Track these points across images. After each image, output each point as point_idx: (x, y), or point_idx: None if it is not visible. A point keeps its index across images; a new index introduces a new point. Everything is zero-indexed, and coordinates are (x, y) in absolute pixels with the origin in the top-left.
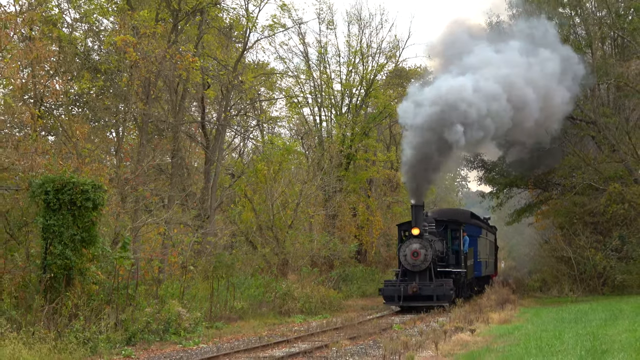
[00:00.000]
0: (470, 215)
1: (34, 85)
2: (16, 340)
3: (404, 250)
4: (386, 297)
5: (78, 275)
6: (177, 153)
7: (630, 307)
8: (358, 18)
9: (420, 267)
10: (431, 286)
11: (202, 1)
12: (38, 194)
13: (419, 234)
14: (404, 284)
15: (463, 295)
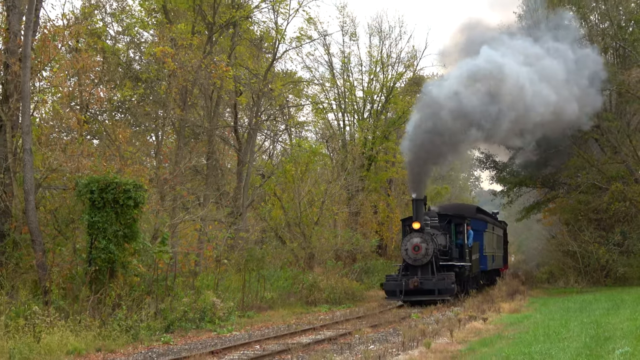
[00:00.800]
0: (476, 210)
1: (80, 93)
2: (64, 328)
3: (405, 245)
4: (388, 291)
5: (121, 268)
6: (211, 155)
7: (631, 298)
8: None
9: (422, 261)
10: (433, 280)
11: (235, 15)
12: (84, 193)
13: (419, 228)
14: (406, 278)
15: (468, 289)
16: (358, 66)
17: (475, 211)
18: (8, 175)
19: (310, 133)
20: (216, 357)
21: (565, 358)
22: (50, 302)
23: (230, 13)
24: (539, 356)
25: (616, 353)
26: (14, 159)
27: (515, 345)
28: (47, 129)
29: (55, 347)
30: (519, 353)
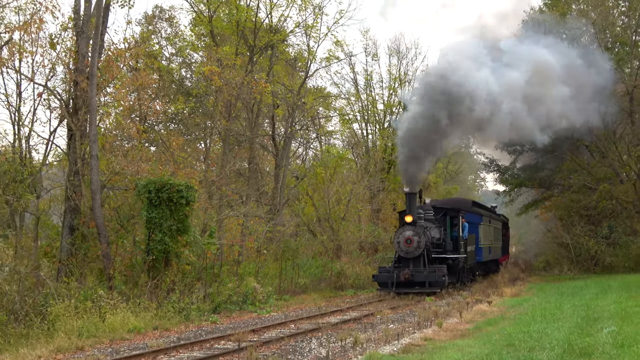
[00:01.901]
0: (472, 204)
1: (139, 106)
2: (125, 309)
3: (397, 237)
4: (380, 283)
5: (174, 257)
6: (252, 160)
7: (617, 284)
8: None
9: (414, 253)
10: (424, 273)
11: (273, 39)
12: (143, 193)
13: (412, 221)
14: (397, 270)
15: (463, 280)
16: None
17: (471, 205)
18: (77, 178)
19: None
20: (257, 334)
21: (560, 336)
22: (113, 287)
23: (269, 37)
24: (537, 334)
25: (604, 332)
26: (82, 163)
27: (516, 325)
28: (110, 137)
29: (118, 326)
30: (520, 331)
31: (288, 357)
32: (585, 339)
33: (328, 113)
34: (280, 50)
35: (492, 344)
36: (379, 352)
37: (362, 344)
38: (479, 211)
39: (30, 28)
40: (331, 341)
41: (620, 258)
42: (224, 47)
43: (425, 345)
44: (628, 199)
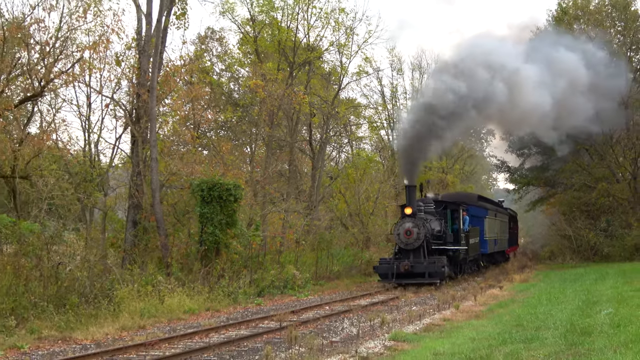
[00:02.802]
0: (477, 198)
1: (193, 115)
2: (181, 293)
3: (397, 229)
4: (380, 274)
5: (224, 248)
6: (292, 162)
7: (614, 271)
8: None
9: (413, 245)
10: (424, 264)
11: (310, 56)
12: (196, 191)
13: (411, 213)
14: (397, 261)
15: (465, 271)
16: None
17: (476, 199)
18: (139, 178)
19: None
20: (296, 315)
21: (563, 317)
22: (171, 274)
23: (306, 54)
24: (543, 315)
25: (602, 313)
26: (143, 165)
27: (524, 307)
28: (168, 142)
29: (174, 308)
30: (527, 313)
31: (323, 335)
32: (585, 319)
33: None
34: (317, 65)
35: (503, 324)
36: (403, 331)
37: (389, 324)
38: (484, 205)
39: (98, 47)
40: (361, 321)
41: (616, 248)
42: (267, 63)
43: (444, 325)
44: (623, 196)
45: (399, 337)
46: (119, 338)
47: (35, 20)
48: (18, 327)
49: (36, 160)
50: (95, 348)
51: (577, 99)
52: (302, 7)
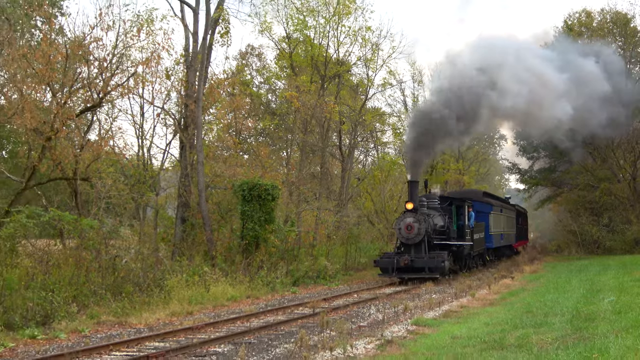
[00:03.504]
0: (482, 194)
1: (235, 123)
2: (225, 282)
3: (398, 224)
4: (382, 269)
5: (263, 242)
6: (323, 165)
7: (615, 263)
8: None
9: (414, 240)
10: (424, 258)
11: (339, 70)
12: (238, 191)
13: (413, 209)
14: (398, 256)
15: (469, 266)
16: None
17: (482, 195)
18: (187, 179)
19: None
20: (327, 302)
21: (569, 304)
22: (215, 265)
23: (336, 68)
24: (551, 303)
25: (605, 301)
26: (191, 168)
27: (534, 295)
28: (213, 147)
29: (219, 295)
30: (537, 300)
31: (352, 320)
32: (589, 307)
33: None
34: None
35: (515, 311)
36: (424, 316)
37: (411, 310)
38: (489, 201)
39: (150, 63)
40: (386, 308)
41: (617, 242)
42: (301, 76)
43: (461, 311)
44: (624, 195)
45: (420, 322)
46: (169, 323)
47: (94, 39)
48: (79, 313)
49: (95, 164)
50: (148, 332)
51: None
52: (332, 26)
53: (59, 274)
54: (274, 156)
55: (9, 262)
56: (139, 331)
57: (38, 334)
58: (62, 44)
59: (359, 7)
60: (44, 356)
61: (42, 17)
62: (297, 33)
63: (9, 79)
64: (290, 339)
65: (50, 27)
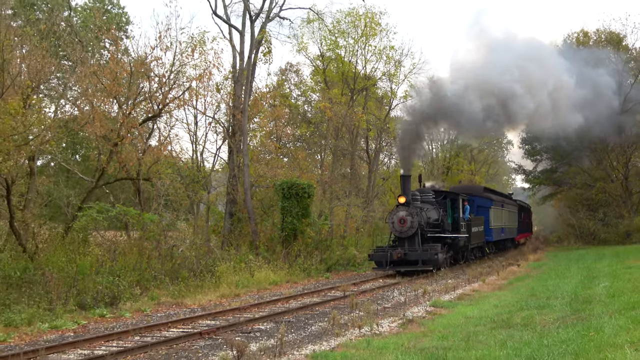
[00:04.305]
0: (482, 190)
1: (276, 130)
2: (267, 269)
3: (391, 218)
4: (376, 262)
5: (300, 233)
6: (353, 167)
7: (609, 252)
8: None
9: (407, 233)
10: (417, 251)
11: (367, 84)
12: (278, 189)
13: (405, 202)
14: (392, 249)
15: (467, 258)
16: None
17: (482, 190)
18: (235, 180)
19: None
20: (356, 286)
21: (568, 289)
22: (259, 254)
23: (364, 82)
24: (552, 287)
25: (600, 286)
26: (238, 169)
27: (537, 281)
28: (257, 152)
29: (262, 280)
30: (540, 285)
31: (378, 302)
32: (586, 291)
33: None
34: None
35: (520, 294)
36: (441, 299)
37: (429, 294)
38: (489, 196)
39: (203, 78)
40: (407, 291)
41: (611, 234)
42: (333, 90)
43: (473, 294)
44: (617, 193)
45: (437, 304)
46: (219, 303)
47: (154, 58)
48: (142, 295)
49: (155, 166)
50: (201, 311)
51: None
52: (360, 46)
53: (124, 261)
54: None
55: (81, 251)
56: (193, 311)
57: (106, 313)
58: (127, 62)
59: (383, 29)
60: (112, 332)
61: (110, 40)
62: (329, 52)
63: (82, 93)
64: (324, 318)
65: (116, 48)
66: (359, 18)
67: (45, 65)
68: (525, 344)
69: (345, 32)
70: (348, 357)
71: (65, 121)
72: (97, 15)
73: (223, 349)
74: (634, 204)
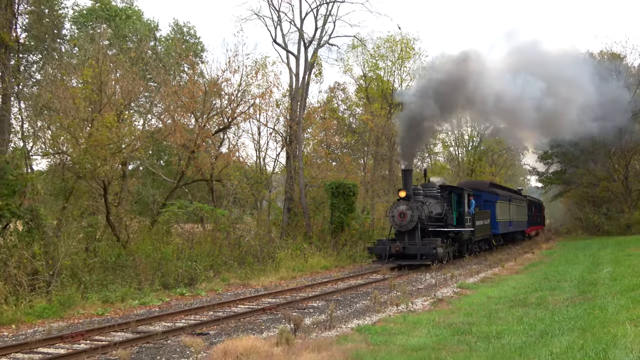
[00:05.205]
0: (489, 185)
1: (326, 139)
2: (319, 256)
3: (392, 212)
4: (376, 255)
5: (346, 226)
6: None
7: (612, 242)
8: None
9: (407, 227)
10: (417, 245)
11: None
12: (328, 189)
13: (406, 196)
14: (391, 243)
15: (473, 250)
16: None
17: (488, 186)
18: (291, 181)
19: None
20: (394, 271)
21: (576, 273)
22: (312, 243)
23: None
24: (563, 272)
25: (604, 271)
26: (294, 172)
27: (549, 266)
28: (310, 157)
29: (314, 265)
30: (552, 270)
31: (412, 284)
32: (592, 275)
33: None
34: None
35: (535, 277)
36: (466, 282)
37: (456, 277)
38: (495, 191)
39: (265, 96)
40: (438, 275)
41: (613, 226)
42: (374, 104)
43: (494, 277)
44: (618, 191)
45: (463, 285)
46: (278, 284)
47: (224, 79)
48: (215, 277)
49: (225, 169)
50: (264, 291)
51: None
52: (397, 67)
53: (200, 249)
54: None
55: (165, 240)
56: (257, 290)
57: (186, 292)
58: (202, 83)
59: (416, 53)
60: (190, 308)
61: (188, 64)
62: (370, 72)
63: (165, 109)
64: (366, 297)
65: (193, 71)
66: (396, 44)
67: (135, 86)
68: (539, 320)
69: (384, 56)
70: (387, 330)
71: (152, 132)
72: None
73: (282, 322)
74: (633, 201)
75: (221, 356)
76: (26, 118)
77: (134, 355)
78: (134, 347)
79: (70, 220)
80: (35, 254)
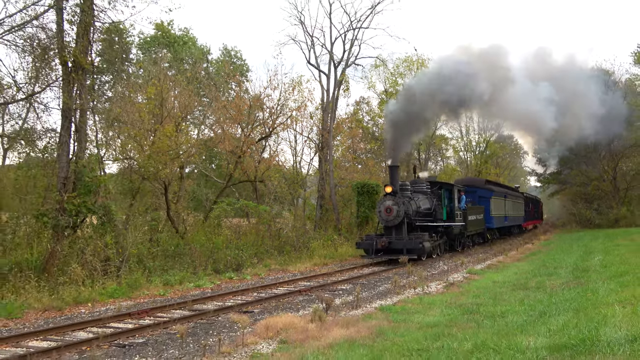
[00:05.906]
0: (484, 182)
1: (352, 145)
2: (347, 245)
3: (379, 207)
4: (364, 250)
5: (370, 220)
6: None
7: (602, 234)
8: None
9: (394, 222)
10: (403, 240)
11: None
12: (354, 188)
13: (392, 192)
14: (378, 238)
15: (465, 244)
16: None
17: (484, 183)
18: (323, 181)
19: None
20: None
21: (571, 261)
22: (341, 234)
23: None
24: (558, 260)
25: (595, 259)
26: (325, 174)
27: (547, 255)
28: (339, 161)
29: (343, 253)
30: (549, 258)
31: (427, 270)
32: (585, 262)
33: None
34: None
35: (534, 265)
36: (474, 268)
37: (465, 264)
38: (490, 187)
39: (300, 109)
40: (449, 262)
41: (603, 220)
42: None
43: (499, 264)
44: (608, 189)
45: (472, 271)
46: (312, 270)
47: (266, 95)
48: (258, 263)
49: (267, 172)
50: (300, 275)
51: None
52: None
53: (245, 239)
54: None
55: (216, 232)
56: (294, 275)
57: (233, 276)
58: (247, 98)
59: None
60: (237, 289)
61: (235, 83)
62: (391, 88)
63: (216, 121)
64: (388, 281)
65: (240, 88)
66: (413, 63)
67: (190, 102)
68: (538, 301)
69: (402, 74)
70: (406, 309)
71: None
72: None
73: (315, 302)
74: (620, 198)
75: (264, 331)
76: (100, 129)
77: (190, 330)
78: (190, 323)
79: (137, 215)
80: (107, 243)
